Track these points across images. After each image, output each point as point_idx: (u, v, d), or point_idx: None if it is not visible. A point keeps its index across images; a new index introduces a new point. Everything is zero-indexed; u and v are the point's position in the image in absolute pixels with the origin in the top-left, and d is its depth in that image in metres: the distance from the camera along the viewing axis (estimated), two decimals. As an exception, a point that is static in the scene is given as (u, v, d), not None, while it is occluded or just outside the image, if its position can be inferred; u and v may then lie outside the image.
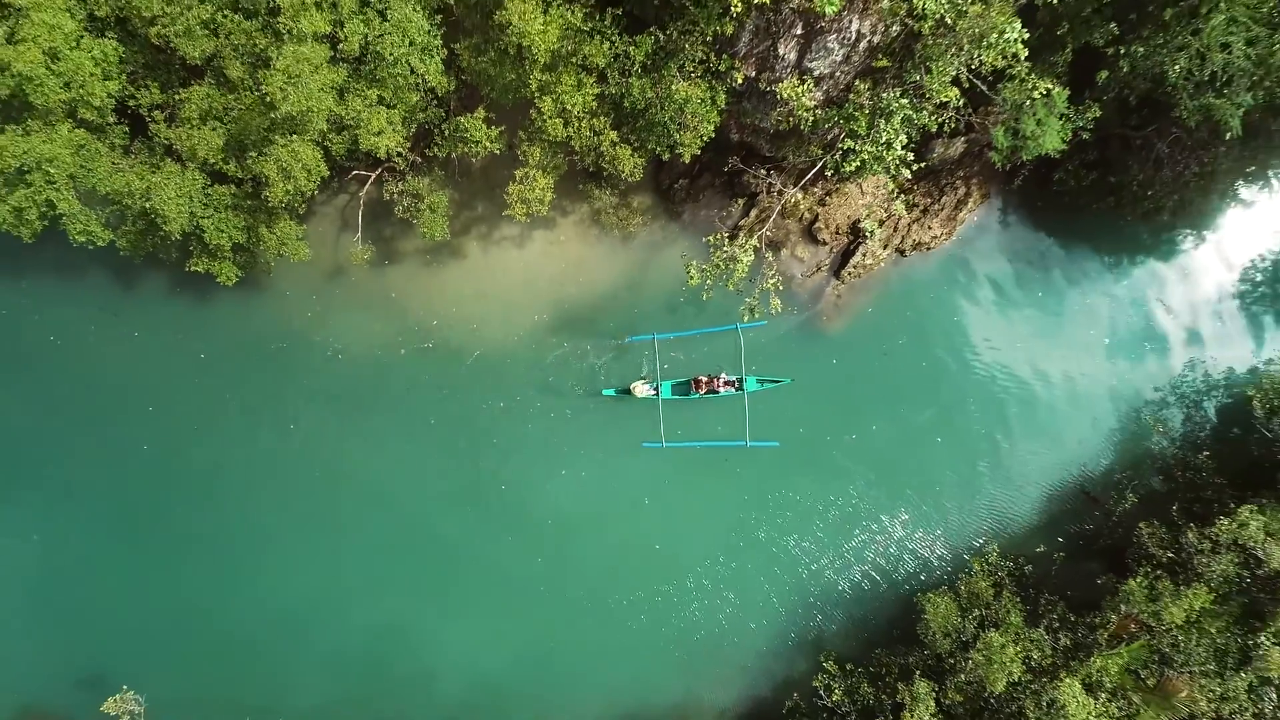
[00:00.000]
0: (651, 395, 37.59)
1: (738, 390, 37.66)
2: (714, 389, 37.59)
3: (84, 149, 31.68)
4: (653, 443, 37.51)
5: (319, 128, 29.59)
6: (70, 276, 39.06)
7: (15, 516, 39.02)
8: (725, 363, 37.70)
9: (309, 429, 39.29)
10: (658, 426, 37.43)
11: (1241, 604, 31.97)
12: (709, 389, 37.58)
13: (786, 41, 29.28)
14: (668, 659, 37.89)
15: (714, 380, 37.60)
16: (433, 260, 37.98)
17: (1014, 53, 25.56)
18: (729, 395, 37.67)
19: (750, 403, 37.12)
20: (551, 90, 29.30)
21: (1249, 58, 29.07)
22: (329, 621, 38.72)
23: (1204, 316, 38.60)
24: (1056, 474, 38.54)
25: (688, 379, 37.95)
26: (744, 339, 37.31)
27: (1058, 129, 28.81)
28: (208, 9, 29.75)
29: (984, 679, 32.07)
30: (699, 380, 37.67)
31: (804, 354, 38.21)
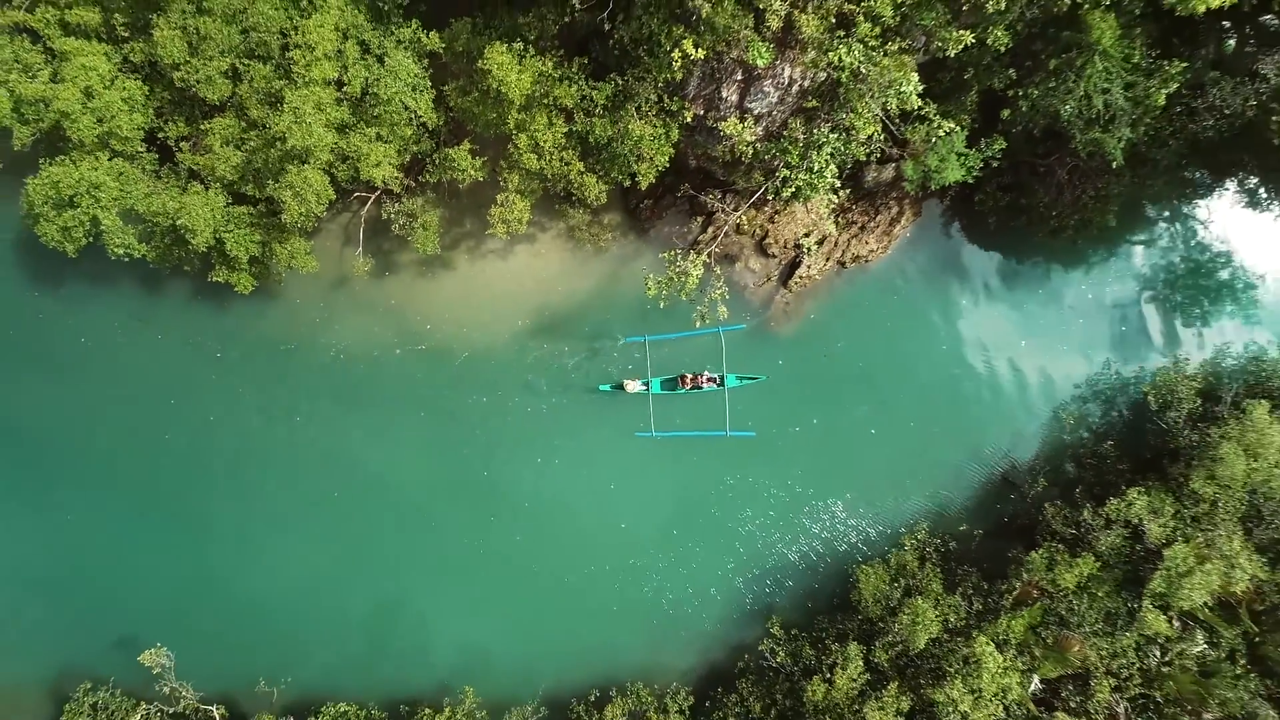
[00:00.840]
0: (642, 390, 42.25)
1: (719, 386, 42.34)
2: (698, 385, 42.31)
3: (123, 175, 36.35)
4: (644, 432, 42.21)
5: (324, 159, 34.26)
6: (101, 285, 43.62)
7: (52, 498, 43.53)
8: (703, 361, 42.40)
9: (314, 421, 43.88)
10: (630, 419, 42.24)
11: (1125, 572, 36.70)
12: (693, 385, 42.29)
13: (729, 85, 34.02)
14: (634, 626, 42.57)
15: (698, 377, 42.35)
16: (426, 271, 42.69)
17: (912, 101, 30.19)
18: (711, 390, 42.34)
19: (725, 396, 41.88)
20: (526, 127, 34.03)
21: (1127, 99, 33.82)
22: (333, 593, 43.25)
23: (1112, 322, 43.38)
24: (980, 462, 43.29)
25: (675, 375, 42.63)
26: (724, 340, 42.05)
27: (957, 164, 33.51)
28: (227, 60, 34.43)
29: (907, 638, 36.84)
30: (684, 377, 42.40)
31: (757, 354, 42.93)
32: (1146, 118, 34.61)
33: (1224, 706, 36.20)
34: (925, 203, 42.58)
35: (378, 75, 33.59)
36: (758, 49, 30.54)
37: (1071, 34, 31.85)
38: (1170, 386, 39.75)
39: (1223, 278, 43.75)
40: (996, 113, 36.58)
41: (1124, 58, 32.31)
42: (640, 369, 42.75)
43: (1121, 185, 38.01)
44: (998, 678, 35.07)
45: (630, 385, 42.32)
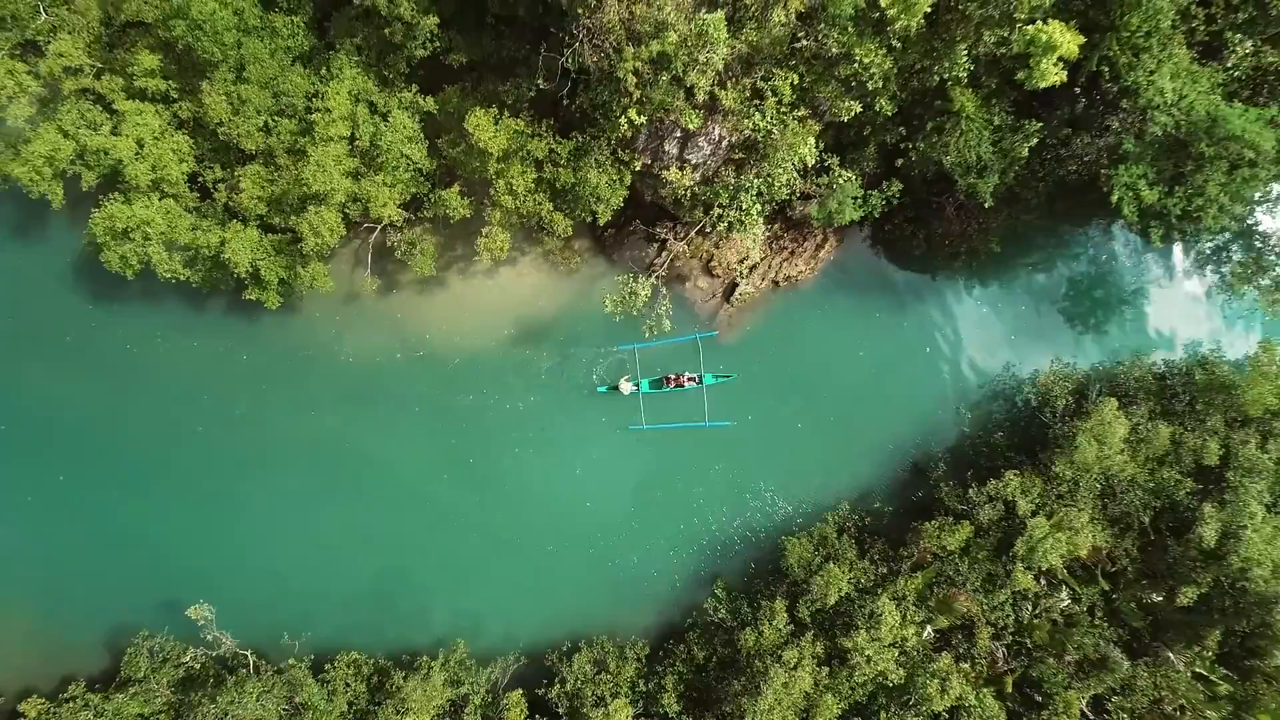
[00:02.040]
0: (634, 390, 49.83)
1: (698, 384, 49.93)
2: (680, 384, 49.94)
3: (170, 213, 43.93)
4: (636, 425, 49.79)
5: (339, 200, 41.88)
6: (146, 300, 51.10)
7: (101, 481, 51.00)
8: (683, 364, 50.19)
9: (327, 416, 51.48)
10: (599, 415, 50.10)
11: (1000, 539, 44.35)
12: (676, 384, 49.92)
13: (670, 141, 41.69)
14: (600, 590, 50.26)
15: (680, 377, 50.00)
16: (424, 289, 50.32)
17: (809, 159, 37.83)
18: (692, 389, 49.92)
19: (703, 393, 49.60)
20: (504, 174, 41.70)
21: (996, 152, 41.43)
22: (344, 562, 50.77)
23: (1005, 331, 51.10)
24: (896, 452, 50.98)
25: (661, 376, 50.17)
26: (701, 346, 49.63)
27: (852, 206, 41.21)
28: (260, 118, 42.03)
29: (823, 596, 44.45)
30: (669, 377, 50.04)
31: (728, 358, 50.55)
32: (1014, 166, 42.21)
33: (1080, 650, 43.93)
34: (846, 231, 50.21)
35: (383, 131, 41.19)
36: (689, 116, 38.20)
37: (943, 103, 39.46)
38: (1047, 386, 47.46)
39: (1098, 294, 51.49)
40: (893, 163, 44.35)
41: (986, 121, 39.92)
42: (613, 373, 50.45)
43: (1000, 219, 45.66)
44: (895, 629, 42.72)
45: (624, 386, 50.05)
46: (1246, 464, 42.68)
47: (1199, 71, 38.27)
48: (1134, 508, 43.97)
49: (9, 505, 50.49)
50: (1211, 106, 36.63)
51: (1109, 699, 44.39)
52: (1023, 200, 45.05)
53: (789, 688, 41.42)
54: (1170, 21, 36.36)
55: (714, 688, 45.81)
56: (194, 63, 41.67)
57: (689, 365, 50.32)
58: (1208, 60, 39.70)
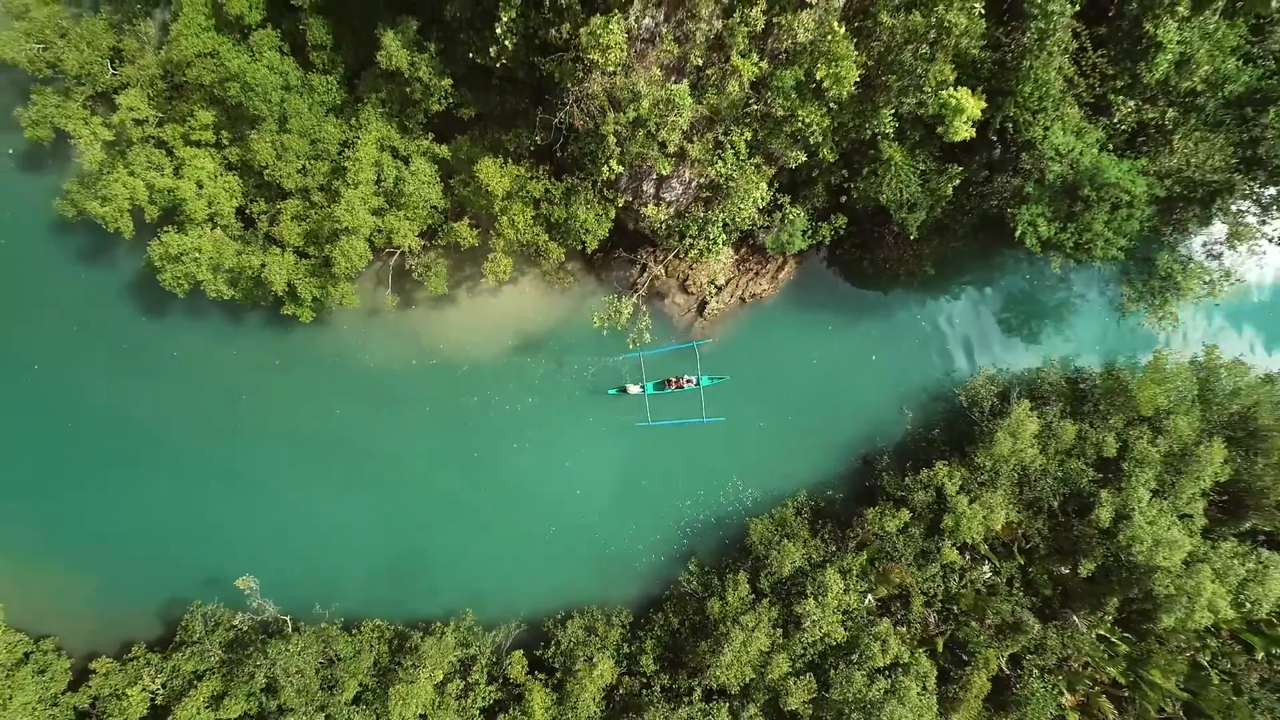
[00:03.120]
0: (640, 391, 57.20)
1: (696, 386, 57.27)
2: (680, 385, 57.29)
3: (218, 242, 51.36)
4: (642, 421, 57.12)
5: (366, 233, 49.32)
6: (194, 314, 58.37)
7: (155, 471, 58.30)
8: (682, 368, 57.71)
9: (351, 415, 58.76)
10: (591, 416, 57.57)
11: (930, 521, 51.81)
12: (677, 385, 57.28)
13: (648, 182, 49.16)
14: (591, 567, 57.68)
15: (679, 379, 57.34)
16: (437, 305, 57.73)
17: (763, 200, 45.28)
18: (690, 390, 57.24)
19: (700, 393, 57.13)
20: (507, 211, 49.15)
21: (924, 191, 48.86)
22: (366, 543, 58.12)
23: (945, 341, 58.60)
24: (848, 446, 58.44)
25: (663, 379, 57.50)
26: (698, 352, 57.10)
27: (800, 237, 48.73)
28: (299, 162, 49.47)
29: (780, 568, 51.89)
30: (670, 380, 57.38)
31: (680, 368, 58.02)
32: (941, 202, 49.63)
33: (999, 615, 51.44)
34: (804, 255, 57.65)
35: (406, 177, 48.65)
36: (662, 163, 45.63)
37: (875, 152, 46.91)
38: (975, 390, 54.89)
39: (1028, 308, 59.03)
40: (839, 198, 51.84)
41: (912, 167, 47.35)
42: (608, 379, 57.93)
43: (932, 246, 53.10)
44: (840, 596, 50.20)
45: (631, 388, 57.47)
46: (1139, 456, 50.12)
47: (1088, 127, 45.75)
48: (1045, 493, 51.41)
49: (75, 492, 57.83)
50: (1093, 158, 44.08)
51: (1024, 657, 51.89)
52: (951, 230, 52.45)
53: (747, 647, 48.90)
54: (1059, 89, 43.85)
55: (686, 649, 53.33)
56: (243, 115, 49.09)
57: (686, 369, 57.78)
58: (1098, 116, 47.16)
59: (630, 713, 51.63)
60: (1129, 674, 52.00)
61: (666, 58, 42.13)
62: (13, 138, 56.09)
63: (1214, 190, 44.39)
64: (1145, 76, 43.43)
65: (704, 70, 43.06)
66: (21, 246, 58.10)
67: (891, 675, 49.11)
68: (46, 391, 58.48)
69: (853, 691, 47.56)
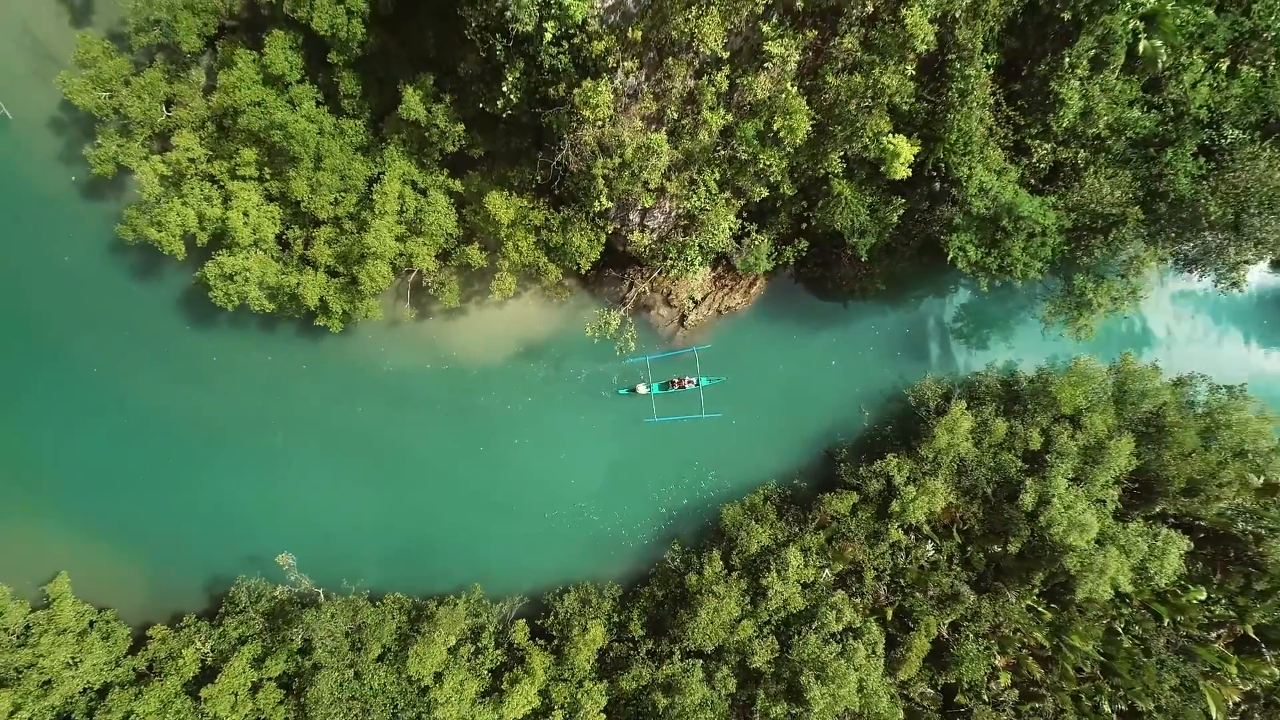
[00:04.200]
0: (647, 392, 64.92)
1: (695, 386, 64.91)
2: (682, 386, 64.94)
3: (262, 263, 58.89)
4: (649, 418, 64.73)
5: (390, 257, 57.02)
6: (233, 324, 66.05)
7: (199, 462, 65.89)
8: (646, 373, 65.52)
9: (372, 412, 66.45)
10: (586, 414, 65.34)
11: (880, 505, 59.50)
12: (679, 386, 64.93)
13: (633, 213, 56.86)
14: (584, 547, 65.40)
15: (681, 380, 64.99)
16: (450, 317, 65.44)
17: (732, 228, 52.94)
18: (690, 390, 64.90)
19: (700, 393, 64.86)
20: (512, 237, 56.86)
21: (873, 220, 56.51)
22: (385, 527, 65.83)
23: (896, 348, 66.26)
24: (813, 441, 66.15)
25: (667, 380, 65.15)
26: (698, 356, 64.74)
27: (765, 260, 56.45)
28: (331, 195, 57.12)
29: (748, 546, 59.55)
30: (673, 380, 65.02)
31: (672, 370, 65.73)
32: (887, 229, 57.29)
33: (940, 588, 59.12)
34: (774, 273, 65.35)
35: (425, 209, 56.37)
36: (645, 197, 53.33)
37: (828, 187, 54.61)
38: (922, 391, 62.58)
39: (974, 319, 66.76)
40: (802, 223, 59.56)
41: (860, 200, 55.02)
42: (599, 383, 65.66)
43: (882, 266, 60.81)
44: (800, 570, 57.87)
45: (640, 388, 65.10)
46: (1060, 449, 57.77)
47: (1009, 168, 53.43)
48: (980, 481, 59.06)
49: (128, 480, 65.47)
50: (1011, 195, 51.75)
51: (962, 624, 59.55)
52: (898, 252, 60.15)
53: (719, 613, 56.59)
54: (981, 136, 51.56)
55: (668, 618, 61.03)
56: (283, 154, 56.75)
57: (682, 370, 65.53)
58: (1020, 157, 54.82)
59: (619, 671, 59.32)
60: (1052, 638, 59.64)
61: (647, 111, 49.85)
62: (75, 168, 63.98)
63: (1112, 221, 52.10)
64: (1054, 126, 51.10)
65: (679, 121, 50.75)
66: (84, 264, 65.72)
67: (844, 640, 56.78)
68: (104, 391, 66.03)
69: (808, 652, 55.25)
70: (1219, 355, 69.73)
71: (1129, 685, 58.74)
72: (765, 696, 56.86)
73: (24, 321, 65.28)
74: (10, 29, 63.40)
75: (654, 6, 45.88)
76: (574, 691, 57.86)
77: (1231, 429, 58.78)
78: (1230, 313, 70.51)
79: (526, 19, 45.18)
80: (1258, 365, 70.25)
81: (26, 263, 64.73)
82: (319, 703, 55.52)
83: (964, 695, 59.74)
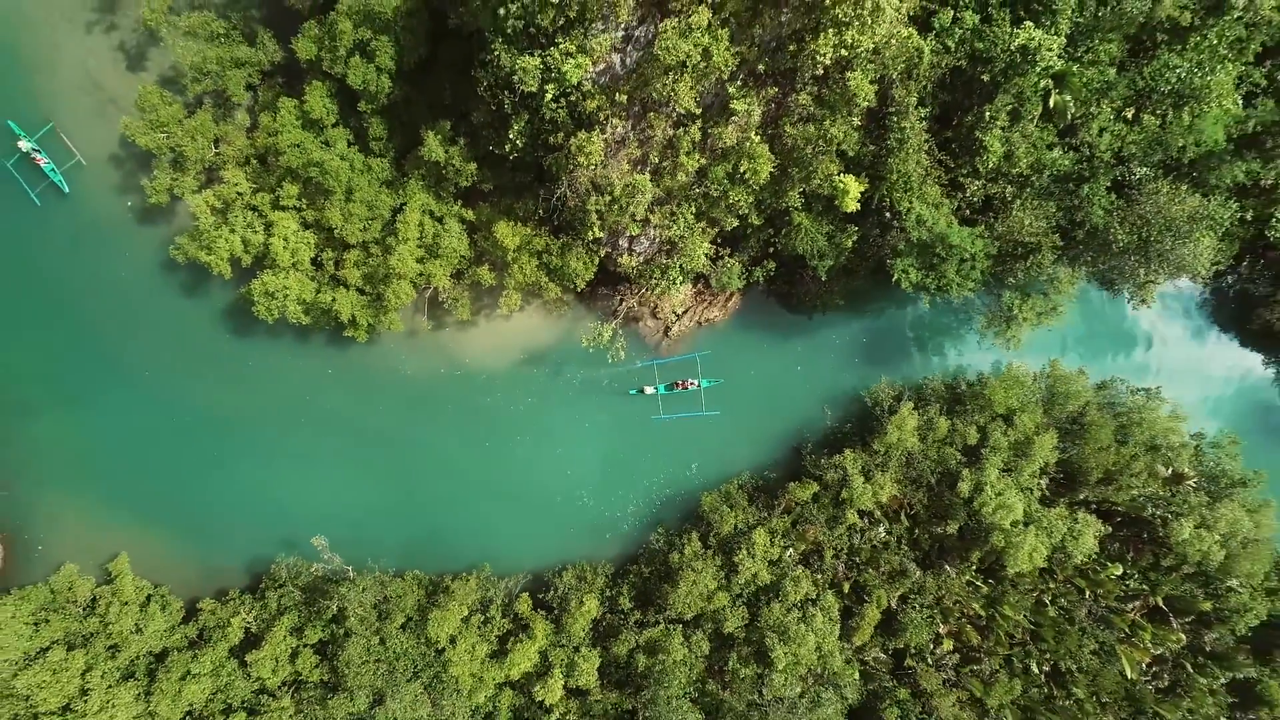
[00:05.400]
0: (653, 392, 73.50)
1: (697, 387, 73.59)
2: (685, 387, 73.62)
3: (301, 282, 67.57)
4: (657, 415, 73.41)
5: (411, 276, 65.70)
6: (268, 333, 74.62)
7: (235, 456, 74.37)
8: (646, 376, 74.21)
9: (390, 411, 75.07)
10: (588, 411, 74.09)
11: (837, 493, 68.19)
12: (682, 387, 73.61)
13: (623, 239, 65.59)
14: (580, 531, 74.13)
15: (685, 382, 73.67)
16: (462, 328, 74.13)
17: (707, 253, 61.67)
18: (692, 390, 73.60)
19: (700, 393, 73.56)
20: (517, 260, 65.58)
21: (830, 245, 65.24)
22: (402, 515, 74.45)
23: (855, 356, 75.01)
24: (782, 437, 74.90)
25: (672, 381, 73.79)
26: (699, 360, 73.47)
27: (737, 279, 65.24)
28: (360, 223, 65.79)
29: (721, 528, 68.28)
30: (677, 382, 73.68)
31: (670, 374, 74.48)
32: (844, 253, 66.00)
33: (890, 565, 67.86)
34: (748, 290, 74.07)
35: (443, 235, 65.10)
36: (632, 227, 62.05)
37: (790, 219, 63.33)
38: (877, 394, 71.33)
39: (920, 331, 75.50)
40: (769, 247, 68.32)
41: (818, 229, 63.75)
42: (593, 387, 74.36)
43: (840, 284, 69.58)
44: (766, 549, 66.57)
45: (648, 389, 73.71)
46: (993, 444, 66.55)
47: (944, 202, 62.21)
48: (925, 471, 67.81)
49: (177, 471, 74.07)
50: (944, 226, 60.51)
51: (909, 596, 68.31)
52: (854, 272, 68.98)
53: (696, 585, 65.31)
54: (919, 175, 60.32)
55: (653, 592, 69.75)
56: (318, 187, 65.39)
57: (687, 373, 74.41)
58: (956, 192, 63.59)
59: (610, 637, 68.07)
60: (988, 609, 68.41)
61: (633, 156, 58.59)
62: (130, 196, 72.61)
63: (1031, 248, 60.89)
64: (980, 168, 59.88)
65: (660, 164, 59.46)
66: (137, 280, 74.28)
67: (804, 608, 65.51)
68: (154, 394, 74.58)
69: (773, 619, 64.00)
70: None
71: (1054, 649, 67.64)
72: (736, 658, 65.68)
73: (85, 332, 73.81)
74: (75, 74, 72.01)
75: (638, 72, 54.57)
76: (571, 655, 66.56)
77: (1143, 426, 67.70)
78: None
79: (531, 81, 53.84)
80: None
81: (87, 280, 73.25)
82: (350, 664, 64.24)
83: (911, 659, 68.58)
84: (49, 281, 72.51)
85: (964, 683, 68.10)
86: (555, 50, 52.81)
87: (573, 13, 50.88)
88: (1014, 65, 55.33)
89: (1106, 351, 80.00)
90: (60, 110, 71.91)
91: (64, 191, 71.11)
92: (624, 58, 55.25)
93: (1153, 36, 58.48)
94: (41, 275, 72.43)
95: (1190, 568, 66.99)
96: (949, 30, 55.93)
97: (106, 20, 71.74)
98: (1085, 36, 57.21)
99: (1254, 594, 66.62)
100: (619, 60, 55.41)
